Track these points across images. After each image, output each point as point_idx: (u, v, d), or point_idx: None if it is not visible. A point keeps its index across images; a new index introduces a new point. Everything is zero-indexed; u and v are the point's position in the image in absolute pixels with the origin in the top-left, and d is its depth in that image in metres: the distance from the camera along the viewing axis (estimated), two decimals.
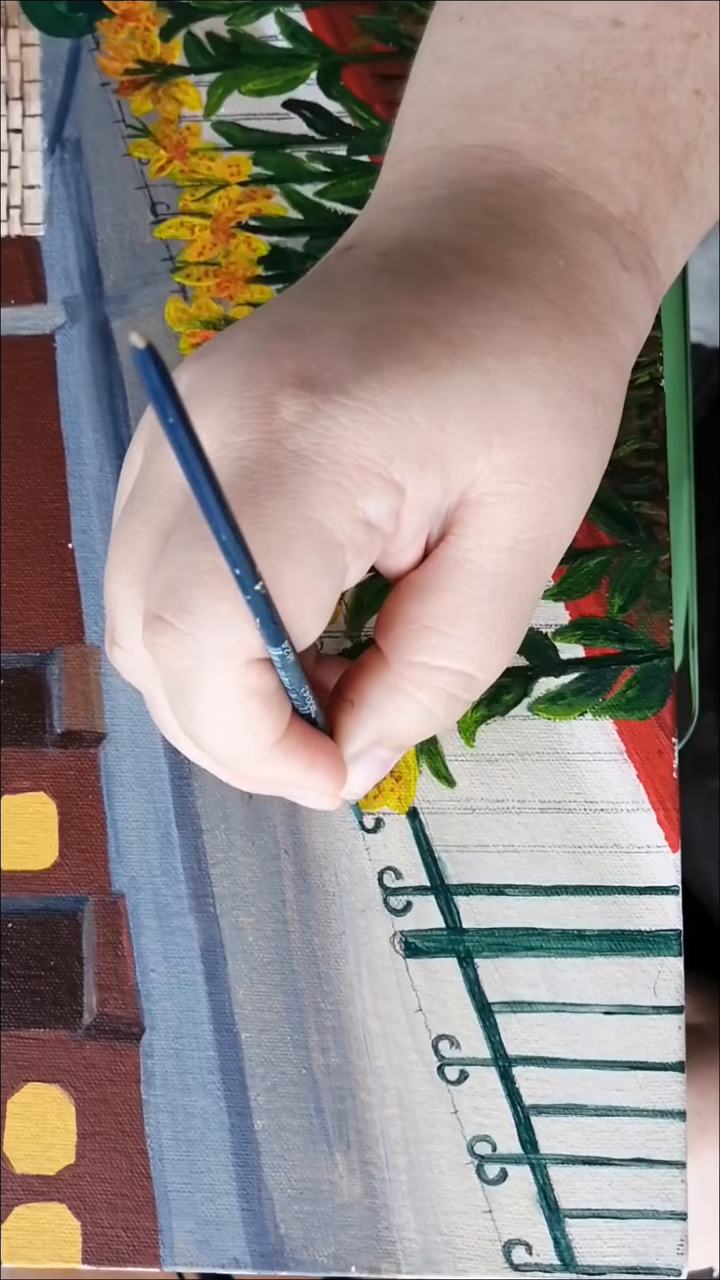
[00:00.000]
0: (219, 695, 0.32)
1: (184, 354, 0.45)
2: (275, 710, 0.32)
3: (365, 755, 0.35)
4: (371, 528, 0.32)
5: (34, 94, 0.47)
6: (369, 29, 0.47)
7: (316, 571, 0.31)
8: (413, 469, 0.31)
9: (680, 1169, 0.40)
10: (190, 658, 0.31)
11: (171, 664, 0.31)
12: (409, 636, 0.33)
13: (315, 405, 0.31)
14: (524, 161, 0.35)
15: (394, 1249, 0.40)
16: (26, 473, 0.45)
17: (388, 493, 0.31)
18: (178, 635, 0.31)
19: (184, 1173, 0.41)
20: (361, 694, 0.35)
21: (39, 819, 0.43)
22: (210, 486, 0.26)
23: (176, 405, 0.25)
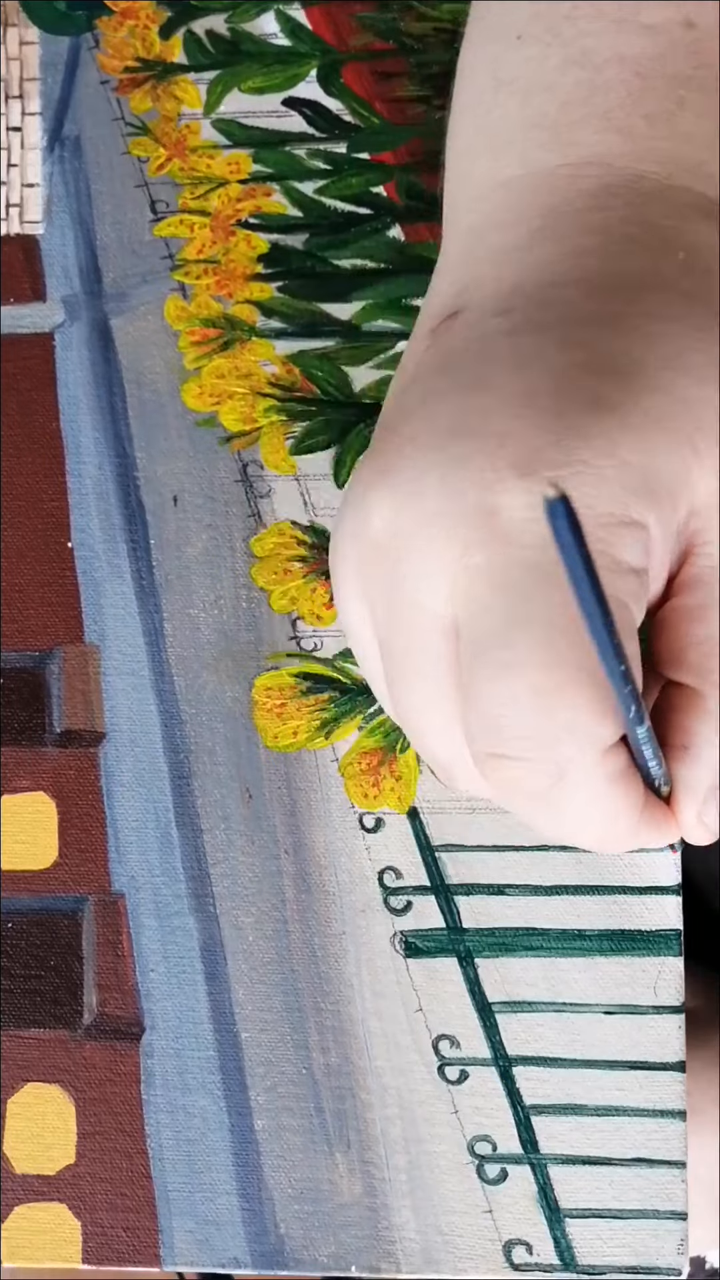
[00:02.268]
0: (584, 796, 0.32)
1: (182, 351, 0.45)
2: (635, 784, 0.32)
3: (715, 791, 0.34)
4: (636, 572, 0.31)
5: (33, 92, 0.47)
6: (369, 26, 0.47)
7: (625, 638, 0.30)
8: (647, 504, 0.31)
9: (681, 1169, 0.40)
10: (548, 778, 0.31)
11: (531, 790, 0.31)
12: (711, 655, 0.32)
13: (534, 491, 0.30)
14: (617, 170, 0.34)
15: (394, 1249, 0.40)
16: (26, 472, 0.45)
17: (636, 535, 0.31)
18: (526, 765, 0.31)
19: (184, 1172, 0.41)
20: (690, 734, 0.33)
21: (39, 819, 0.43)
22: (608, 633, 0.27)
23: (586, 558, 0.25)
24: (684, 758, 0.33)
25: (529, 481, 0.30)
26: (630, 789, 0.32)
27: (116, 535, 0.44)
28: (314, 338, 0.45)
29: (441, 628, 0.32)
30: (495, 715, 0.30)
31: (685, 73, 0.34)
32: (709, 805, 0.34)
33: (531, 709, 0.30)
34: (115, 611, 0.44)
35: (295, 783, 0.42)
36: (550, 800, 0.32)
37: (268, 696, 0.43)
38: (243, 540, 0.44)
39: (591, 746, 0.31)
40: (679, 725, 0.33)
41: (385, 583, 0.32)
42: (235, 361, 0.45)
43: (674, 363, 0.32)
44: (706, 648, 0.32)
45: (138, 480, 0.44)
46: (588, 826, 0.33)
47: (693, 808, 0.34)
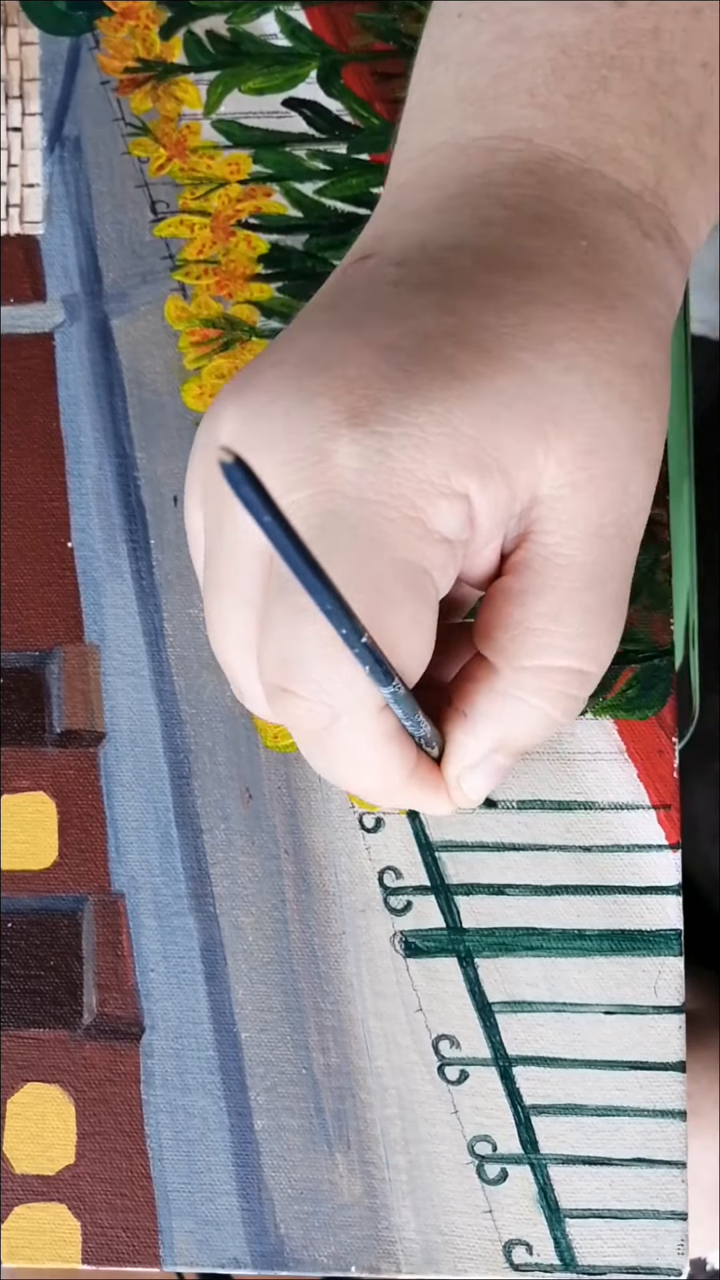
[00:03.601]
0: (356, 746, 0.32)
1: (182, 352, 0.45)
2: (406, 745, 0.33)
3: (484, 764, 0.35)
4: (450, 542, 0.32)
5: (33, 92, 0.47)
6: (369, 27, 0.47)
7: (415, 607, 0.31)
8: (472, 476, 0.31)
9: (681, 1169, 0.40)
10: (323, 719, 0.32)
11: (305, 726, 0.32)
12: (516, 641, 0.33)
13: (363, 443, 0.30)
14: (535, 147, 0.34)
15: (394, 1249, 0.40)
16: (26, 471, 0.45)
17: (454, 506, 0.31)
18: (306, 703, 0.31)
19: (184, 1173, 0.41)
20: (474, 704, 0.34)
21: (39, 818, 0.43)
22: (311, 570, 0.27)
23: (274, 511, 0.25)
24: (461, 723, 0.35)
25: (357, 433, 0.31)
26: (399, 750, 0.33)
27: (116, 535, 0.44)
28: None
29: (258, 554, 0.32)
30: (285, 653, 0.31)
31: (609, 52, 0.34)
32: (473, 773, 0.35)
33: (317, 656, 0.31)
34: (115, 611, 0.44)
35: (295, 783, 0.42)
36: (324, 742, 0.33)
37: None
38: None
39: (367, 702, 0.31)
40: (467, 693, 0.34)
41: (220, 496, 0.33)
42: (235, 361, 0.45)
43: (543, 347, 0.32)
44: (515, 631, 0.33)
45: (138, 480, 0.44)
46: (357, 776, 0.34)
47: (454, 770, 0.35)
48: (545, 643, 0.33)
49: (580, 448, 0.32)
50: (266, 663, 0.32)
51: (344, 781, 0.34)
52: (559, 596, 0.33)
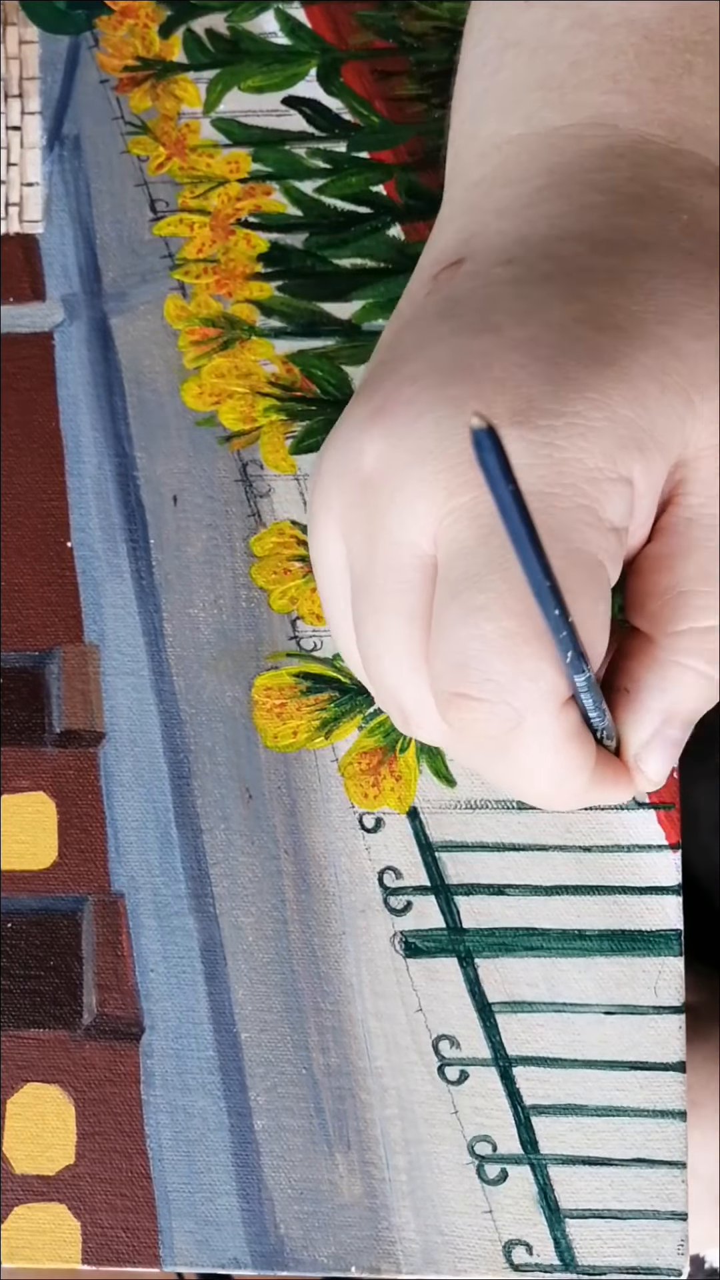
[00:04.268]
0: (540, 747, 0.32)
1: (182, 351, 0.45)
2: (588, 743, 0.33)
3: (656, 740, 0.34)
4: (618, 530, 0.32)
5: (33, 91, 0.47)
6: (369, 25, 0.47)
7: (594, 596, 0.31)
8: (635, 458, 0.31)
9: (681, 1169, 0.40)
10: (506, 722, 0.31)
11: (487, 731, 0.32)
12: (668, 607, 0.33)
13: (528, 439, 0.30)
14: (622, 132, 0.34)
15: (394, 1249, 0.40)
16: (25, 471, 0.45)
17: (622, 492, 0.31)
18: (487, 706, 0.31)
19: (184, 1173, 0.41)
20: (635, 679, 0.34)
21: (38, 819, 0.43)
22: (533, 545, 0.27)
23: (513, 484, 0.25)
24: (626, 702, 0.34)
25: (522, 429, 0.30)
26: (583, 747, 0.33)
27: (116, 535, 0.44)
28: (314, 337, 0.45)
29: (421, 566, 0.32)
30: (462, 655, 0.31)
31: (693, 37, 0.35)
32: (649, 750, 0.35)
33: (498, 652, 0.30)
34: (115, 611, 0.44)
35: (295, 783, 0.42)
36: (505, 747, 0.32)
37: (267, 696, 0.43)
38: (242, 540, 0.44)
39: (552, 697, 0.31)
40: (626, 669, 0.34)
41: (370, 519, 0.33)
42: (235, 361, 0.45)
43: (672, 318, 0.32)
44: (666, 597, 0.33)
45: (137, 480, 0.44)
46: (538, 779, 0.33)
47: (631, 751, 0.34)
48: (698, 604, 0.33)
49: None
50: (441, 670, 0.32)
51: (529, 789, 0.34)
52: (705, 557, 0.33)
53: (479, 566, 0.31)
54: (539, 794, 0.34)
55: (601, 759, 0.34)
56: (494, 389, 0.31)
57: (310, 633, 0.43)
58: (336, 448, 0.34)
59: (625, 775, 0.35)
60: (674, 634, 0.33)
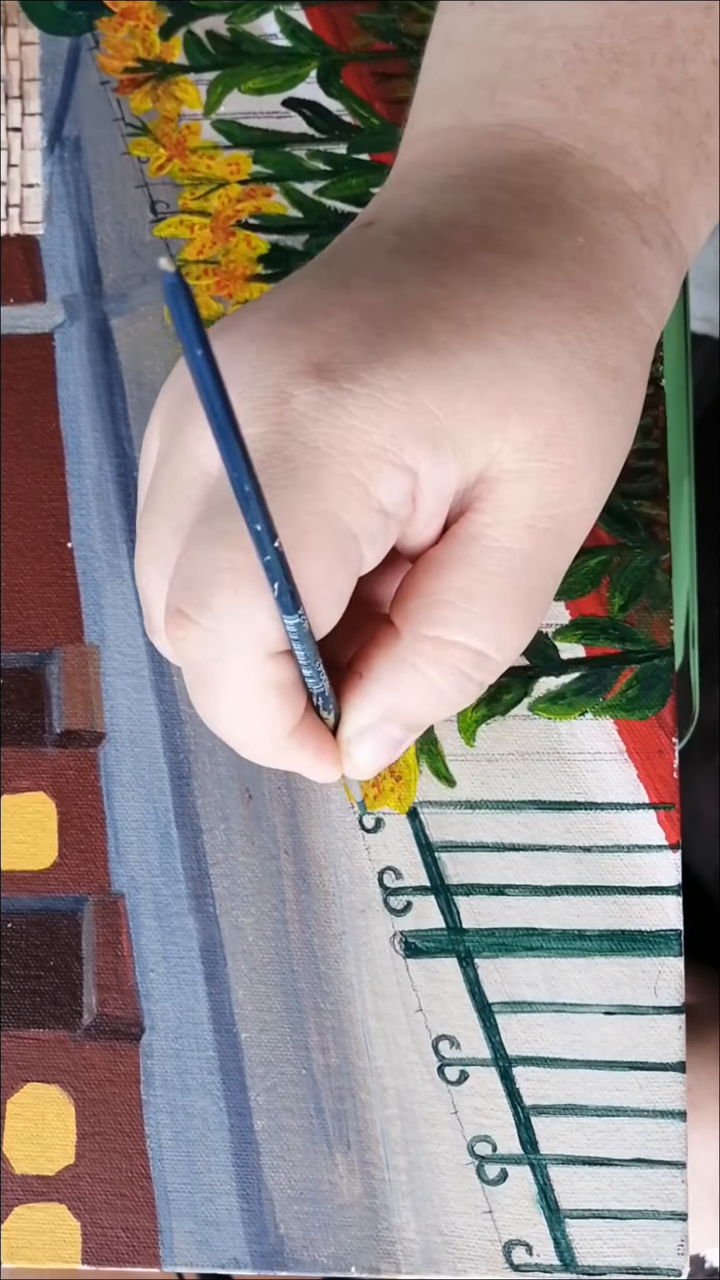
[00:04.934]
0: (238, 687, 0.32)
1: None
2: (291, 701, 0.33)
3: (373, 732, 0.35)
4: (386, 514, 0.32)
5: (33, 92, 0.47)
6: (369, 27, 0.47)
7: (332, 564, 0.31)
8: (425, 452, 0.31)
9: (680, 1169, 0.40)
10: (211, 650, 0.31)
11: (192, 656, 0.32)
12: (423, 610, 0.33)
13: (325, 394, 0.31)
14: (544, 139, 0.35)
15: (394, 1249, 0.40)
16: (26, 472, 0.45)
17: (400, 478, 0.31)
18: (198, 630, 0.31)
19: (184, 1173, 0.41)
20: (371, 667, 0.34)
21: (38, 819, 0.43)
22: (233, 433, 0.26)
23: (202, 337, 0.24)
24: (357, 685, 0.34)
25: (321, 384, 0.31)
26: (284, 704, 0.33)
27: (116, 535, 0.44)
28: None
29: (200, 483, 0.32)
30: (193, 575, 0.31)
31: (622, 47, 0.34)
32: (364, 739, 0.35)
33: (223, 582, 0.31)
34: (115, 611, 0.44)
35: (295, 783, 0.42)
36: (208, 680, 0.32)
37: None
38: None
39: (259, 642, 0.31)
40: (367, 656, 0.34)
41: (178, 427, 0.33)
42: None
43: (524, 335, 0.32)
44: (428, 600, 0.33)
45: (138, 480, 0.44)
46: (232, 720, 0.33)
47: (347, 732, 0.35)
48: (450, 616, 0.33)
49: (538, 438, 0.32)
50: (174, 584, 0.32)
51: (221, 727, 0.34)
52: (474, 575, 0.33)
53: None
54: (232, 736, 0.34)
55: (311, 728, 0.34)
56: (319, 339, 0.31)
57: None
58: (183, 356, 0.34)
59: (333, 754, 0.35)
60: (419, 636, 0.33)
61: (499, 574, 0.33)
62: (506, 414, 0.32)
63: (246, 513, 0.28)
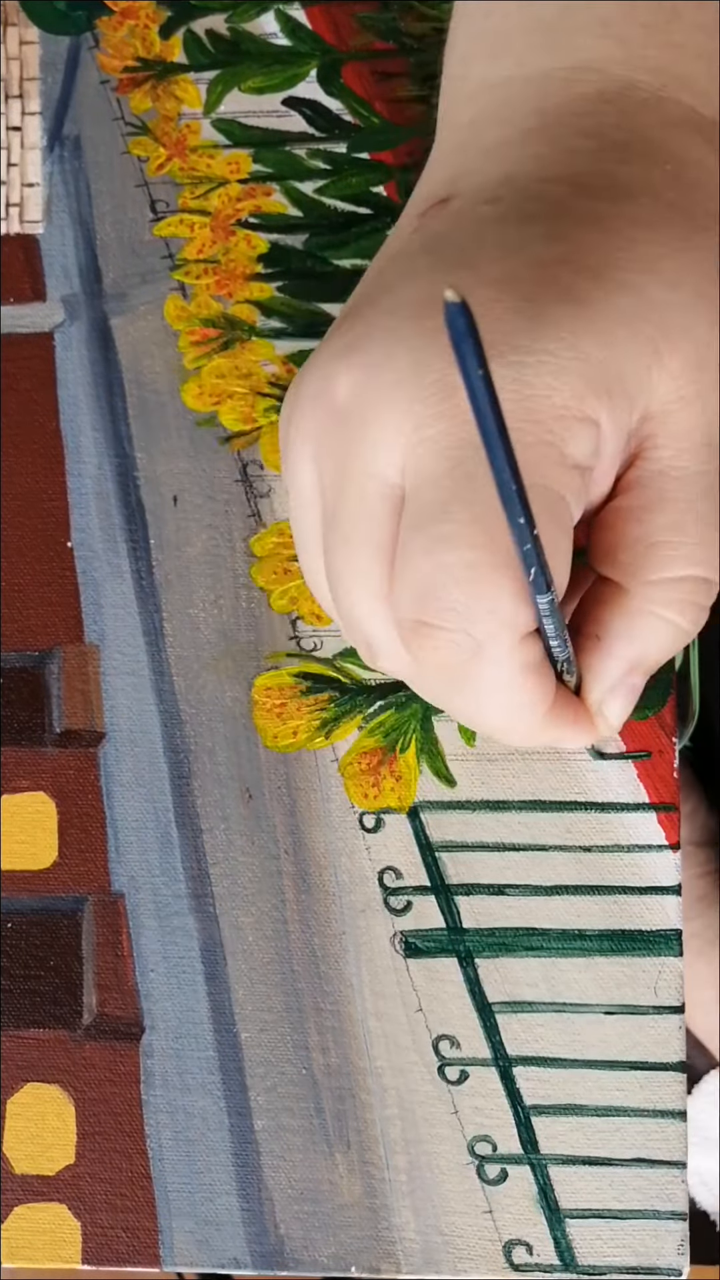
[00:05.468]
0: (497, 679, 0.32)
1: (182, 351, 0.45)
2: (547, 679, 0.33)
3: (619, 686, 0.35)
4: (581, 469, 0.32)
5: (33, 92, 0.47)
6: (369, 26, 0.47)
7: (554, 533, 0.31)
8: (602, 400, 0.31)
9: (680, 1169, 0.40)
10: (464, 651, 0.32)
11: (445, 661, 0.32)
12: (641, 557, 0.33)
13: (499, 373, 0.31)
14: (611, 77, 0.35)
15: (394, 1249, 0.40)
16: (26, 471, 0.45)
17: (587, 432, 0.32)
18: (447, 635, 0.31)
19: (184, 1173, 0.41)
20: (606, 626, 0.34)
21: (38, 819, 0.43)
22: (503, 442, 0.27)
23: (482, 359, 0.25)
24: (595, 648, 0.35)
25: (493, 363, 0.31)
26: (541, 682, 0.33)
27: (116, 535, 0.44)
28: (314, 338, 0.45)
29: (389, 497, 0.32)
30: (425, 584, 0.31)
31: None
32: (612, 696, 0.35)
33: (459, 582, 0.31)
34: (115, 611, 0.44)
35: (295, 783, 0.42)
36: (463, 677, 0.32)
37: (267, 696, 0.43)
38: (243, 540, 0.44)
39: (510, 629, 0.31)
40: (597, 617, 0.34)
41: (341, 448, 0.33)
42: (235, 361, 0.45)
43: (649, 266, 0.32)
44: (639, 548, 0.33)
45: (138, 480, 0.44)
46: (495, 711, 0.33)
47: (595, 695, 0.35)
48: (671, 555, 0.33)
49: (689, 362, 0.32)
50: (403, 599, 0.32)
51: (484, 721, 0.34)
52: (679, 509, 0.33)
53: (444, 497, 0.31)
54: (495, 726, 0.34)
55: (561, 699, 0.34)
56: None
57: (310, 633, 0.43)
58: (312, 376, 0.34)
59: (586, 718, 0.35)
60: (647, 583, 0.33)
61: (698, 498, 0.33)
62: (659, 347, 0.32)
63: (510, 509, 0.28)
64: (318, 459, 0.34)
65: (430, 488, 0.31)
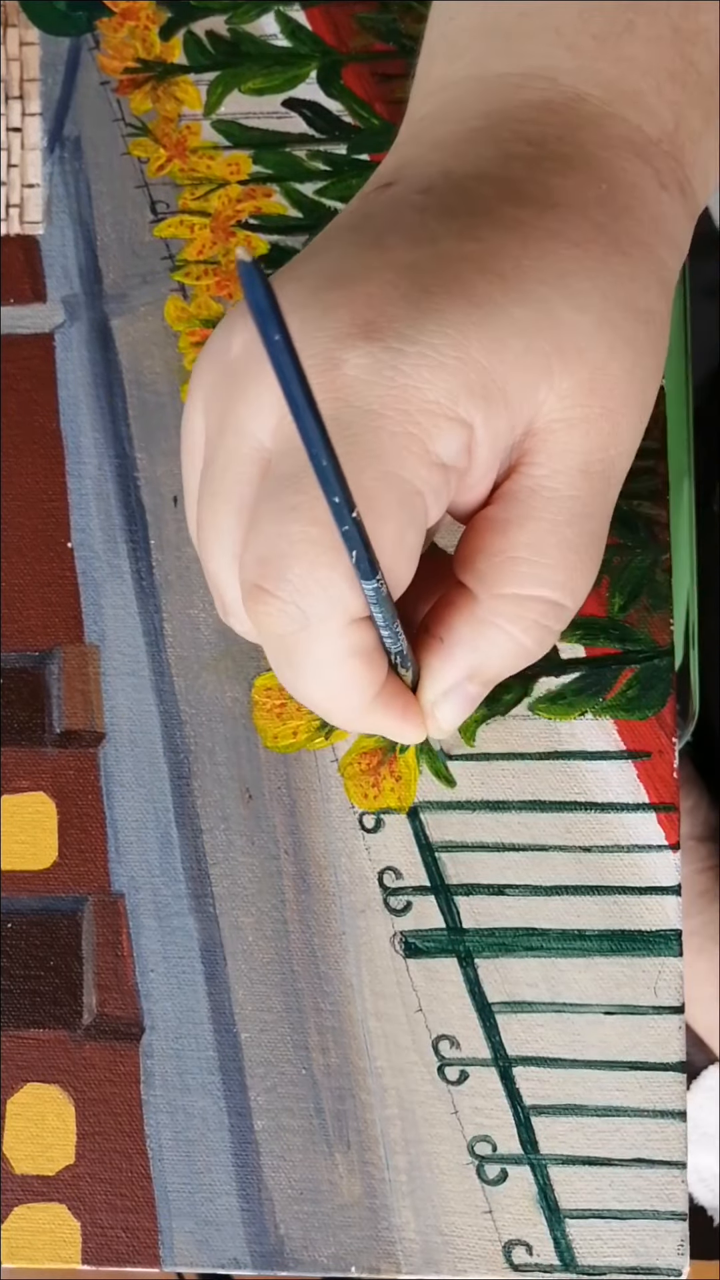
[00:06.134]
0: (321, 656, 0.32)
1: (183, 352, 0.45)
2: (374, 666, 0.33)
3: (455, 691, 0.35)
4: (446, 468, 0.32)
5: (33, 93, 0.47)
6: (369, 27, 0.47)
7: (401, 523, 0.31)
8: (478, 405, 0.32)
9: (680, 1169, 0.40)
10: (293, 623, 0.32)
11: (274, 629, 0.32)
12: (496, 569, 0.34)
13: (376, 356, 0.31)
14: (560, 87, 0.35)
15: (394, 1249, 0.40)
16: (26, 472, 0.45)
17: (457, 432, 0.32)
18: (279, 603, 0.31)
19: (184, 1173, 0.41)
20: (451, 630, 0.35)
21: (38, 819, 0.43)
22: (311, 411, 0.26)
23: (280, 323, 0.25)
24: (438, 649, 0.35)
25: (371, 345, 0.31)
26: (367, 669, 0.33)
27: (116, 535, 0.44)
28: None
29: (256, 460, 0.33)
30: (267, 551, 0.31)
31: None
32: (447, 699, 0.35)
33: (298, 556, 0.31)
34: (115, 611, 0.44)
35: (295, 783, 0.42)
36: (291, 651, 0.33)
37: (267, 697, 0.43)
38: None
39: (340, 610, 0.32)
40: (444, 618, 0.35)
41: (225, 403, 0.33)
42: None
43: (560, 283, 0.32)
44: (497, 560, 0.34)
45: (138, 480, 0.44)
46: (317, 687, 0.33)
47: (430, 695, 0.35)
48: (525, 571, 0.33)
49: (582, 385, 0.32)
50: (247, 562, 0.32)
51: (307, 697, 0.34)
52: (542, 528, 0.33)
53: (300, 468, 0.31)
54: (316, 702, 0.34)
55: (394, 690, 0.35)
56: (363, 301, 0.32)
57: None
58: (218, 330, 0.34)
59: (417, 714, 0.35)
60: (498, 595, 0.34)
61: (564, 523, 0.33)
62: (550, 363, 0.32)
63: (325, 486, 0.28)
64: (206, 410, 0.34)
65: (290, 457, 0.32)
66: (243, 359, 0.33)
